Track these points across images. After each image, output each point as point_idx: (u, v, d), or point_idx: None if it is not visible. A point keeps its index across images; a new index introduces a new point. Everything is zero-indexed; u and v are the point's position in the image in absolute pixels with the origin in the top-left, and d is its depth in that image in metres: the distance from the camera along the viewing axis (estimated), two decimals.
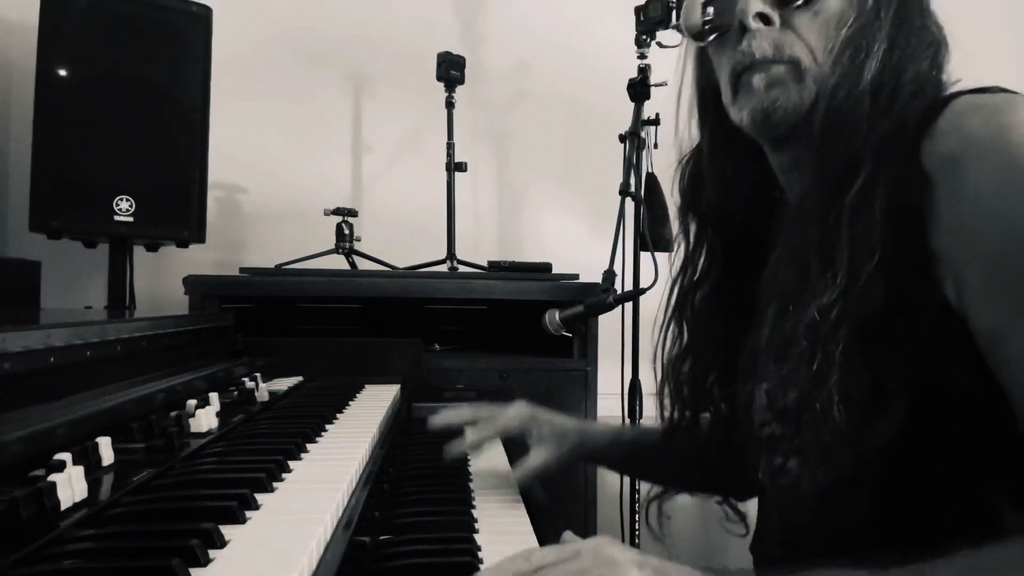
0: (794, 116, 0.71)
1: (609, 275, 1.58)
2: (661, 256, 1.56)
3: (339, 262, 1.91)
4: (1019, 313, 0.56)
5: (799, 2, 0.70)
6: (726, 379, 0.85)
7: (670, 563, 0.56)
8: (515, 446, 1.06)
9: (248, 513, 0.60)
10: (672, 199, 0.93)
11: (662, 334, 0.90)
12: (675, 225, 0.92)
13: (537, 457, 0.98)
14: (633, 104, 1.73)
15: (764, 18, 0.71)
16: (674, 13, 0.74)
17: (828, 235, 0.64)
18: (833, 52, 0.68)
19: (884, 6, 0.69)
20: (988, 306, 0.58)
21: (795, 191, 0.78)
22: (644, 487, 1.67)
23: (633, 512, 1.74)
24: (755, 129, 0.74)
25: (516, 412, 1.02)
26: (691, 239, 0.89)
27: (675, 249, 0.91)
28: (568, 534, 0.66)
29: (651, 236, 1.61)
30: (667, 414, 0.90)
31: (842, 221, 0.63)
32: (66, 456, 0.60)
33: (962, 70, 0.69)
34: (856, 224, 0.62)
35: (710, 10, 0.76)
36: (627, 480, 1.77)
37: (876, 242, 0.61)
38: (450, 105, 1.97)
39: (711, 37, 0.77)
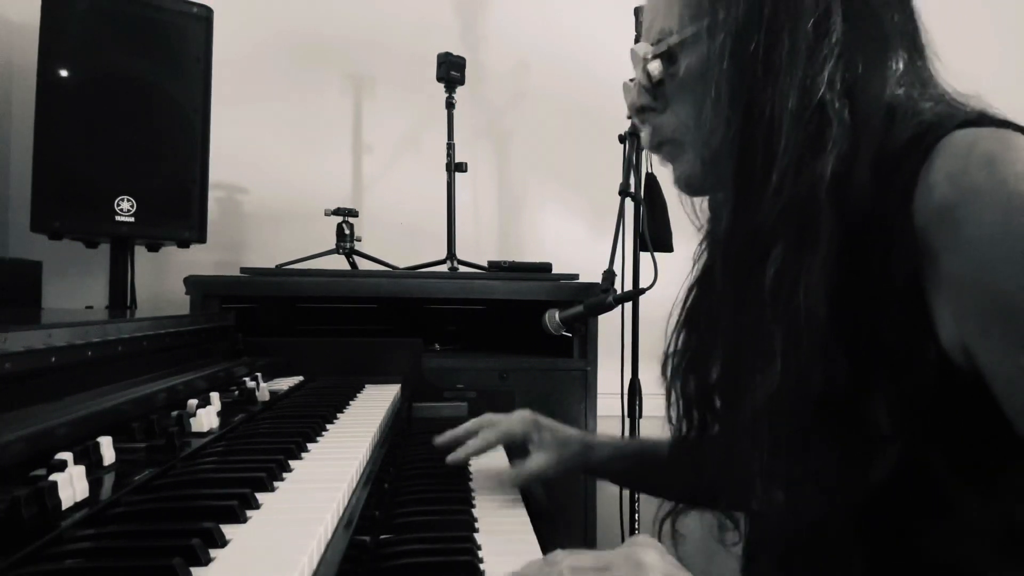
0: (699, 180, 0.73)
1: (609, 275, 1.58)
2: (660, 256, 1.56)
3: (339, 262, 1.92)
4: None
5: (657, 79, 0.71)
6: None
7: None
8: (516, 448, 1.06)
9: (249, 512, 0.60)
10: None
11: (673, 339, 0.87)
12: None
13: (536, 460, 0.98)
14: None
15: (646, 109, 0.74)
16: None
17: (754, 327, 0.62)
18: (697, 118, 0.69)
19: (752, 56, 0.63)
20: (998, 357, 0.55)
21: None
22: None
23: (632, 512, 1.74)
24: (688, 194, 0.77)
25: (519, 417, 1.03)
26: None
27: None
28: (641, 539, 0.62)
29: (651, 236, 1.61)
30: (674, 425, 0.89)
31: (765, 313, 0.61)
32: (67, 456, 0.60)
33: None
34: (785, 317, 0.60)
35: None
36: None
37: (816, 332, 0.59)
38: (450, 105, 1.97)
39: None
